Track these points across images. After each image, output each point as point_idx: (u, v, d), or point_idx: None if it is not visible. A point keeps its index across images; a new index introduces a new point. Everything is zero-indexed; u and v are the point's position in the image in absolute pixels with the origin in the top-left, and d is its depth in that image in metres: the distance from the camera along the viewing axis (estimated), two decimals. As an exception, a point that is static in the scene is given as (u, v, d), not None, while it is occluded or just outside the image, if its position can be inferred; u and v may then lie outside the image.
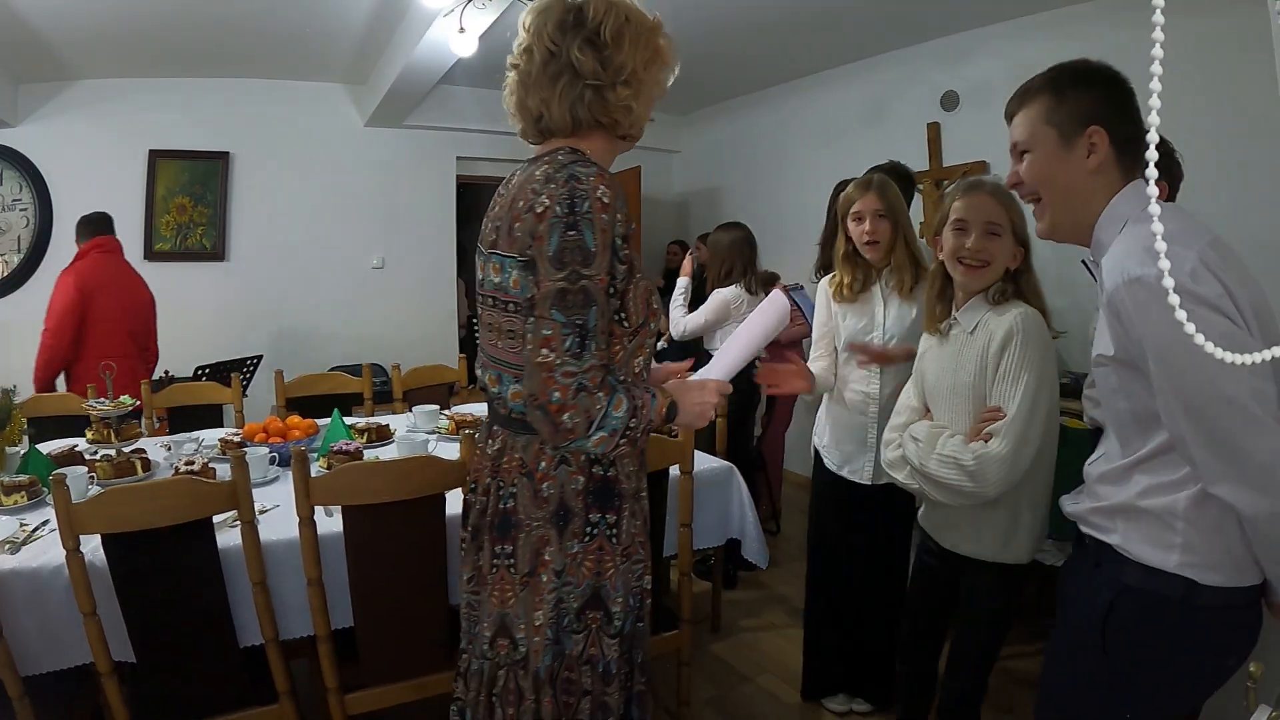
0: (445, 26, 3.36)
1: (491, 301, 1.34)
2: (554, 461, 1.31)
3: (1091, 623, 1.28)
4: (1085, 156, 1.24)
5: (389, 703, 1.90)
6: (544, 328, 1.21)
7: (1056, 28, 3.59)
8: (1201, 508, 1.17)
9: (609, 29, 1.27)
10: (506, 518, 1.33)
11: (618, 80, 1.29)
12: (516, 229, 1.25)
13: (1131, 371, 1.18)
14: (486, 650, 1.37)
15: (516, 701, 1.34)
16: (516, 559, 1.33)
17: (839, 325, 2.35)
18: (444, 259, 5.66)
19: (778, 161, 5.27)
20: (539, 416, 1.22)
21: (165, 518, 1.62)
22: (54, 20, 3.63)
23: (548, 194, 1.21)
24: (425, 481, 1.82)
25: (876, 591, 2.44)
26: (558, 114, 1.30)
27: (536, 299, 1.22)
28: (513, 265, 1.26)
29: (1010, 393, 1.69)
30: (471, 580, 1.41)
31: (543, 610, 1.31)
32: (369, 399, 3.49)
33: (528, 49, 1.32)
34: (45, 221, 4.52)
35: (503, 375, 1.34)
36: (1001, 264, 1.78)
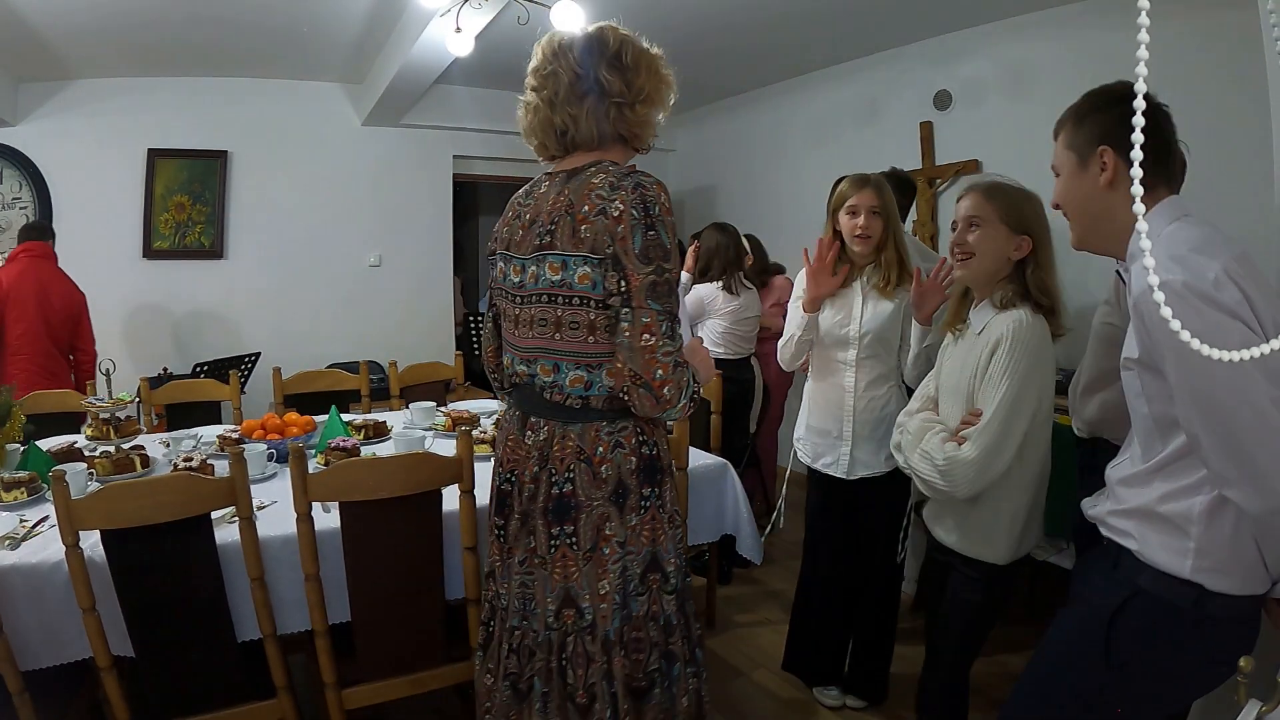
0: (442, 26, 3.37)
1: (546, 298, 1.45)
2: (610, 446, 1.48)
3: (1099, 620, 1.30)
4: (1099, 174, 1.30)
5: (386, 697, 1.92)
6: (643, 315, 1.38)
7: (1048, 28, 3.60)
8: (1215, 514, 1.20)
9: (629, 55, 1.47)
10: (564, 501, 1.47)
11: (638, 99, 1.48)
12: (584, 231, 1.38)
13: (1154, 375, 1.21)
14: (552, 622, 1.49)
15: (586, 663, 1.48)
16: (578, 537, 1.47)
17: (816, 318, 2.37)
18: (441, 257, 5.67)
19: (772, 160, 5.28)
20: (642, 393, 1.40)
21: (164, 514, 1.63)
22: (54, 20, 3.64)
23: (619, 199, 1.37)
24: (422, 478, 1.84)
25: (862, 587, 2.46)
26: (585, 128, 1.47)
27: (632, 291, 1.38)
28: (580, 263, 1.40)
29: (989, 398, 1.72)
30: (524, 563, 1.53)
31: (608, 580, 1.47)
32: (366, 396, 3.51)
33: (553, 73, 1.48)
34: (45, 220, 4.52)
35: (560, 364, 1.47)
36: (989, 254, 1.79)
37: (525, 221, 1.51)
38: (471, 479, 1.90)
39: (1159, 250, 1.18)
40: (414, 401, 3.05)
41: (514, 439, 1.56)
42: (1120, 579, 1.30)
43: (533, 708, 1.53)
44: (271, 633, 1.78)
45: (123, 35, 3.92)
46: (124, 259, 4.72)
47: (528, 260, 1.49)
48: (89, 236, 4.60)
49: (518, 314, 1.53)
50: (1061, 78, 3.57)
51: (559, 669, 1.50)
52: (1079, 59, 3.46)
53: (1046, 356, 1.74)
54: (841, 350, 2.34)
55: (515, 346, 1.57)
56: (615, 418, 1.49)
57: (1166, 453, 1.25)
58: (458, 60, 4.01)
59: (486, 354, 1.79)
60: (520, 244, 1.51)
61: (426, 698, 1.95)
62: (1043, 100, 3.63)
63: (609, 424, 1.49)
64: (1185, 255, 1.13)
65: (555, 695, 1.51)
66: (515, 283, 1.53)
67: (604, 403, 1.48)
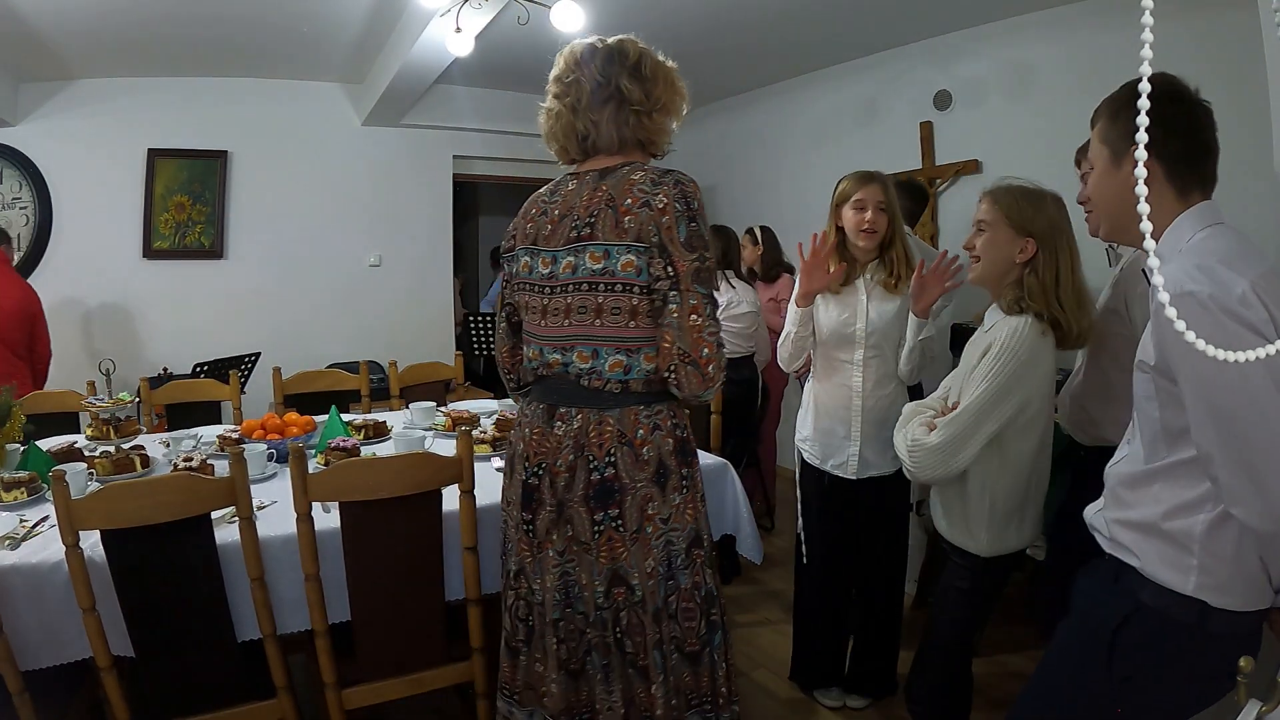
0: (442, 26, 3.37)
1: (587, 286, 1.52)
2: (649, 428, 1.55)
3: (1101, 634, 1.30)
4: (1131, 173, 1.26)
5: (386, 697, 1.91)
6: (690, 298, 1.48)
7: (1048, 28, 3.61)
8: (1218, 531, 1.19)
9: (648, 66, 1.56)
10: (607, 485, 1.53)
11: (655, 108, 1.57)
12: (628, 222, 1.47)
13: (1168, 382, 1.20)
14: (602, 602, 1.56)
15: (641, 632, 1.56)
16: (624, 519, 1.54)
17: (819, 317, 2.37)
18: (441, 257, 5.67)
19: (772, 160, 5.29)
20: (690, 370, 1.49)
21: (164, 514, 1.63)
22: (54, 20, 3.64)
23: (662, 194, 1.47)
24: (422, 478, 1.84)
25: (876, 587, 2.46)
26: (605, 134, 1.56)
27: (680, 276, 1.47)
28: (624, 251, 1.48)
29: (967, 394, 1.77)
30: (563, 553, 1.57)
31: (652, 557, 1.55)
32: (366, 396, 3.51)
33: (575, 81, 1.56)
34: (45, 220, 4.53)
35: (599, 350, 1.53)
36: (994, 256, 1.81)
37: (554, 217, 1.58)
38: (471, 479, 1.90)
39: (1186, 259, 1.17)
40: (414, 401, 3.05)
41: (539, 431, 1.60)
42: (1122, 593, 1.29)
43: (594, 680, 1.59)
44: (271, 633, 1.77)
45: (123, 35, 3.93)
46: (124, 259, 4.72)
47: (561, 252, 1.55)
48: (89, 236, 4.61)
49: (546, 304, 1.58)
50: (1061, 78, 3.57)
51: (616, 641, 1.57)
52: (1079, 59, 3.46)
53: (1038, 367, 1.75)
54: (847, 350, 2.34)
55: (545, 336, 1.60)
56: (651, 401, 1.57)
57: (1172, 459, 1.24)
58: (458, 60, 4.02)
59: (501, 355, 1.81)
60: (550, 238, 1.58)
61: (426, 698, 1.94)
62: (1043, 100, 3.64)
63: (646, 407, 1.56)
64: (1213, 267, 1.12)
65: (616, 664, 1.58)
66: (544, 274, 1.58)
67: (642, 385, 1.55)
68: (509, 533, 1.68)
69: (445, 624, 1.96)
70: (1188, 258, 1.17)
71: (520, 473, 1.63)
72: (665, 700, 1.56)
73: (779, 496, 4.33)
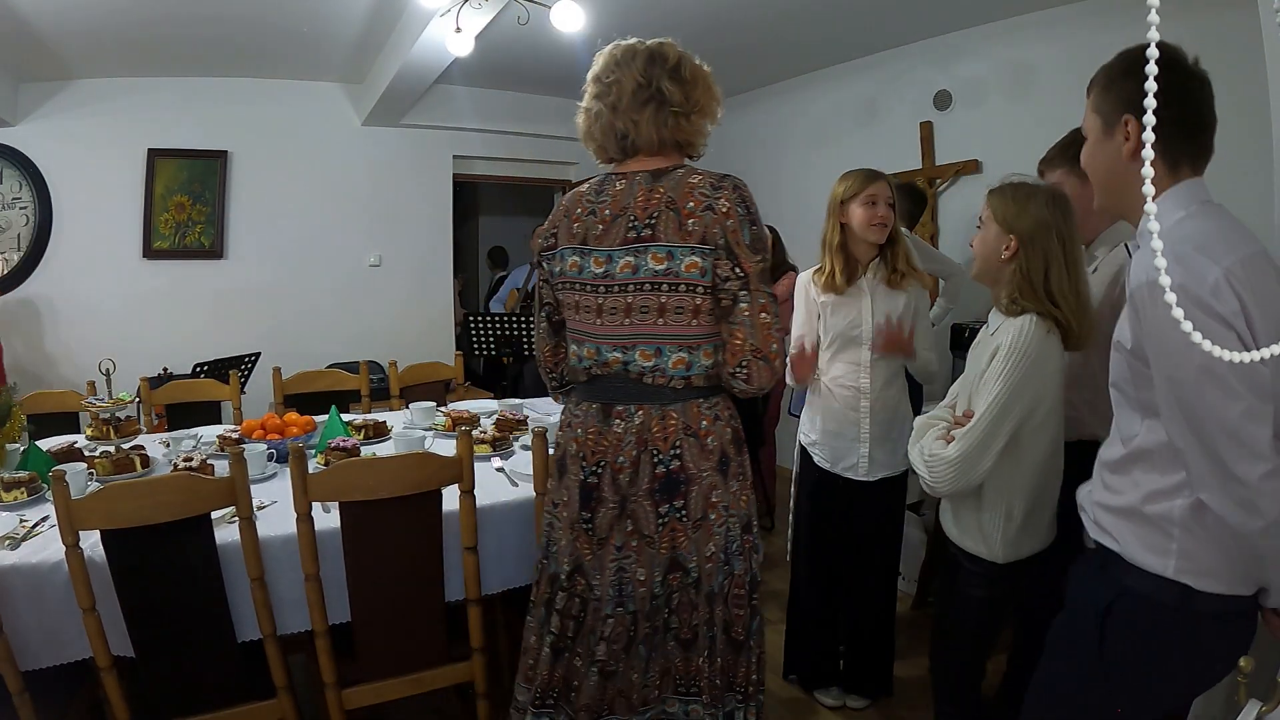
0: (442, 26, 3.37)
1: (649, 286, 1.55)
2: (712, 419, 1.61)
3: (1090, 622, 1.30)
4: (1122, 143, 1.24)
5: (386, 697, 1.91)
6: (760, 297, 1.55)
7: (1048, 28, 3.60)
8: (1197, 515, 1.18)
9: (688, 69, 1.60)
10: (673, 477, 1.58)
11: (694, 110, 1.60)
12: (691, 224, 1.52)
13: (1143, 365, 1.19)
14: (658, 589, 1.60)
15: (691, 610, 1.62)
16: (689, 509, 1.59)
17: (824, 320, 2.37)
18: (441, 257, 5.67)
19: (772, 160, 5.29)
20: (761, 365, 1.55)
21: (164, 514, 1.63)
22: (54, 20, 3.63)
23: (724, 198, 1.53)
24: (422, 478, 1.84)
25: (872, 586, 2.46)
26: (645, 134, 1.58)
27: (749, 276, 1.54)
28: (687, 253, 1.52)
29: (981, 401, 1.72)
30: (621, 548, 1.61)
31: (714, 542, 1.61)
32: (366, 396, 3.51)
33: (616, 81, 1.59)
34: (45, 220, 4.52)
35: (663, 348, 1.58)
36: (983, 254, 1.80)
37: (605, 216, 1.60)
38: (471, 479, 1.90)
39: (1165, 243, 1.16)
40: (414, 401, 3.05)
41: (596, 430, 1.63)
42: (1108, 580, 1.30)
43: (628, 675, 1.63)
44: (272, 633, 1.77)
45: (123, 35, 3.92)
46: (124, 259, 4.72)
47: (617, 251, 1.58)
48: (89, 236, 4.61)
49: (601, 303, 1.61)
50: (1061, 78, 3.57)
51: (664, 622, 1.63)
52: (1079, 59, 3.45)
53: (1048, 366, 1.71)
54: (854, 352, 2.34)
55: (603, 335, 1.62)
56: (709, 394, 1.63)
57: (1149, 444, 1.23)
58: (458, 60, 4.02)
59: (542, 353, 1.83)
60: (602, 237, 1.60)
61: (426, 698, 1.94)
62: (1043, 100, 3.64)
63: (705, 400, 1.62)
64: (1188, 254, 1.10)
65: (659, 644, 1.64)
66: (598, 274, 1.60)
67: (702, 380, 1.60)
68: (557, 534, 1.69)
69: (445, 624, 1.96)
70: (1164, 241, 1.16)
71: (577, 473, 1.64)
72: (710, 677, 1.63)
73: (778, 496, 4.33)
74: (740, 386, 1.59)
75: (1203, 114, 1.23)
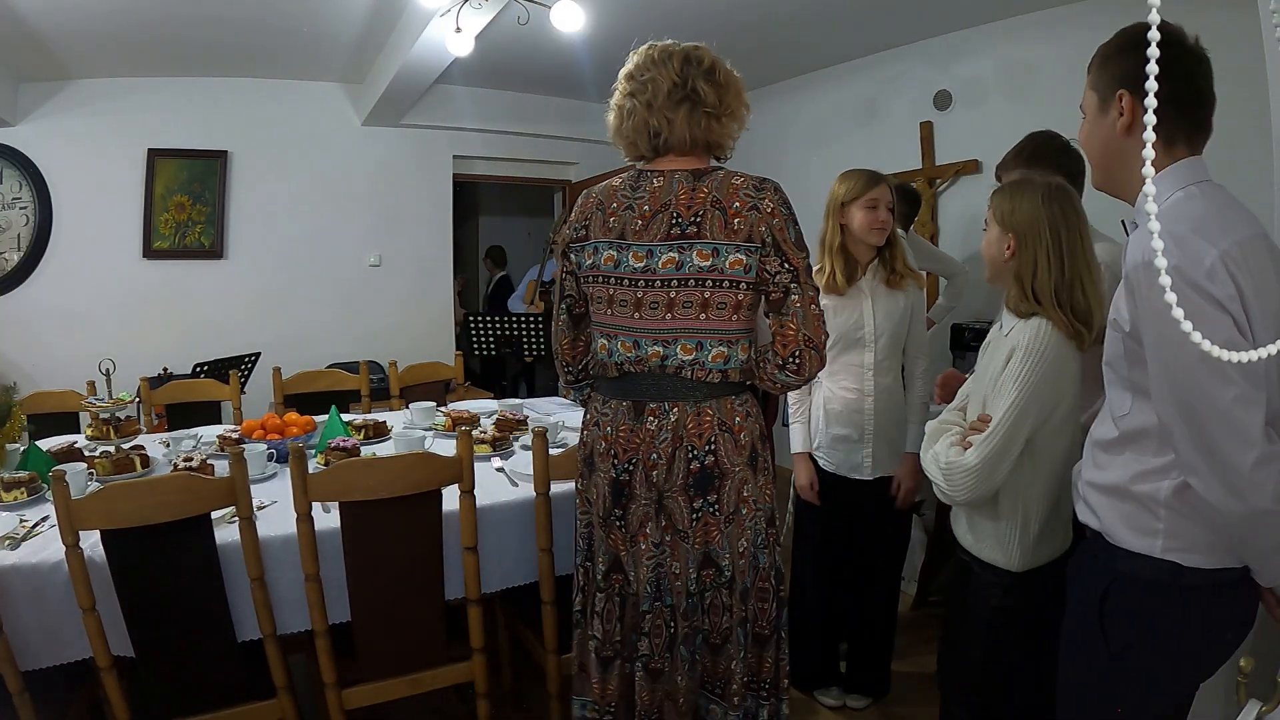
0: (442, 26, 3.37)
1: (694, 282, 1.58)
2: (744, 415, 1.65)
3: (1091, 613, 1.30)
4: (1117, 118, 1.24)
5: (386, 697, 1.92)
6: (809, 290, 1.60)
7: (1048, 27, 3.60)
8: (1184, 495, 1.19)
9: (721, 73, 1.62)
10: (707, 473, 1.60)
11: (725, 113, 1.62)
12: (737, 223, 1.56)
13: (1137, 345, 1.19)
14: (693, 588, 1.62)
15: (723, 612, 1.64)
16: (721, 503, 1.62)
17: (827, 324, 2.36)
18: (441, 257, 5.67)
19: (772, 160, 5.28)
20: (813, 355, 1.60)
21: (164, 514, 1.63)
22: (54, 20, 3.63)
23: (768, 199, 1.57)
24: (422, 478, 1.84)
25: (876, 587, 2.46)
26: (679, 132, 1.60)
27: (799, 271, 1.58)
28: (733, 250, 1.56)
29: (998, 405, 1.64)
30: (658, 544, 1.63)
31: (746, 537, 1.64)
32: (366, 396, 3.51)
33: (652, 79, 1.60)
34: (45, 220, 4.52)
35: (704, 342, 1.60)
36: (989, 255, 1.75)
37: (644, 212, 1.62)
38: (471, 479, 1.90)
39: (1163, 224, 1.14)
40: (414, 401, 3.05)
41: (627, 427, 1.65)
42: (1100, 568, 1.30)
43: (678, 671, 1.64)
44: (271, 633, 1.78)
45: (123, 35, 3.92)
46: (124, 259, 4.72)
47: (659, 246, 1.60)
48: (89, 236, 4.61)
49: (640, 297, 1.62)
50: (1061, 78, 3.56)
51: (699, 623, 1.65)
52: (1079, 59, 3.42)
53: (1065, 366, 1.64)
54: (857, 354, 2.34)
55: (642, 329, 1.63)
56: (741, 391, 1.67)
57: (1139, 424, 1.23)
58: (458, 60, 4.02)
59: (560, 346, 1.83)
60: (642, 233, 1.61)
61: (426, 698, 1.95)
62: (1043, 100, 3.63)
63: (737, 396, 1.66)
64: (1184, 235, 1.08)
65: (700, 648, 1.67)
66: (638, 268, 1.61)
67: (738, 375, 1.64)
68: (593, 533, 1.70)
69: (445, 624, 1.96)
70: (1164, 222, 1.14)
71: (608, 470, 1.66)
72: (741, 677, 1.66)
73: (781, 496, 4.32)
74: (788, 379, 1.62)
75: (1201, 91, 1.21)
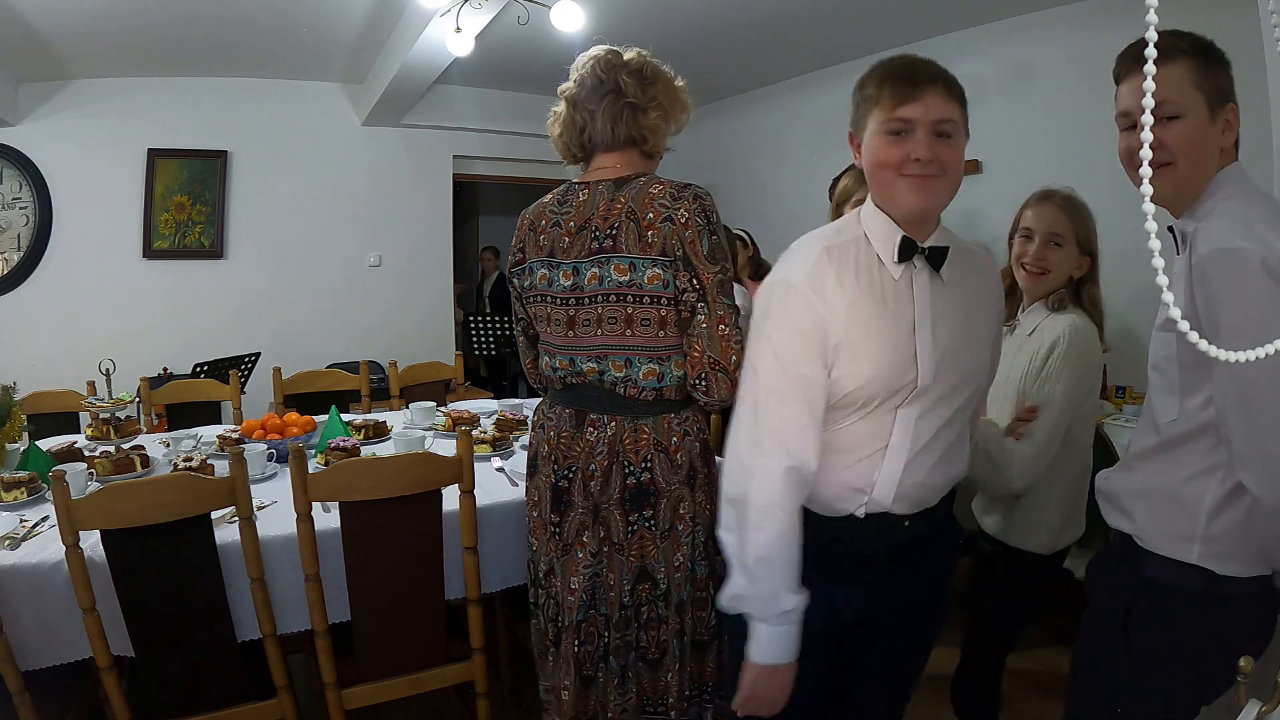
0: (442, 26, 3.37)
1: (615, 298, 1.56)
2: (681, 435, 1.62)
3: (1115, 620, 1.28)
4: (1221, 132, 1.21)
5: (386, 697, 1.91)
6: (718, 309, 1.53)
7: (1048, 28, 3.60)
8: (1230, 500, 1.16)
9: (649, 70, 1.63)
10: (643, 489, 1.59)
11: (650, 104, 1.61)
12: (651, 236, 1.51)
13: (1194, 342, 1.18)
14: (627, 601, 1.61)
15: (659, 625, 1.63)
16: (657, 519, 1.60)
17: None
18: (440, 257, 5.67)
19: (772, 160, 5.29)
20: (720, 377, 1.53)
21: (164, 514, 1.63)
22: (54, 20, 3.64)
23: (683, 208, 1.51)
24: (422, 478, 1.84)
25: None
26: (601, 126, 1.60)
27: (706, 288, 1.52)
28: (649, 265, 1.52)
29: (1051, 394, 1.75)
30: (595, 554, 1.62)
31: (682, 552, 1.62)
32: (366, 396, 3.51)
33: (580, 80, 1.63)
34: (45, 220, 4.53)
35: (632, 359, 1.58)
36: (1061, 272, 1.83)
37: (570, 229, 1.61)
38: (471, 479, 1.90)
39: (1227, 217, 1.13)
40: (414, 401, 3.05)
41: (569, 435, 1.64)
42: (1127, 573, 1.28)
43: (607, 686, 1.64)
44: (272, 633, 1.77)
45: (123, 35, 3.92)
46: (124, 259, 4.72)
47: (584, 263, 1.58)
48: (89, 236, 4.61)
49: (572, 315, 1.62)
50: (1061, 78, 3.57)
51: (634, 639, 1.63)
52: (1079, 59, 3.46)
53: (1095, 360, 1.81)
54: None
55: (576, 346, 1.63)
56: (680, 408, 1.63)
57: (1184, 427, 1.21)
58: (458, 60, 4.02)
59: (527, 366, 1.88)
60: (569, 250, 1.61)
61: (426, 698, 1.94)
62: (1043, 100, 3.64)
63: (676, 415, 1.62)
64: (1257, 226, 1.09)
65: (632, 664, 1.64)
66: (567, 286, 1.61)
67: (674, 393, 1.61)
68: (535, 533, 1.72)
69: (445, 624, 1.96)
70: (1228, 215, 1.14)
71: (548, 475, 1.66)
72: (679, 689, 1.64)
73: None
74: (701, 399, 1.59)
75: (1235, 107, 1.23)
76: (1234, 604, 1.19)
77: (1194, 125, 1.18)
